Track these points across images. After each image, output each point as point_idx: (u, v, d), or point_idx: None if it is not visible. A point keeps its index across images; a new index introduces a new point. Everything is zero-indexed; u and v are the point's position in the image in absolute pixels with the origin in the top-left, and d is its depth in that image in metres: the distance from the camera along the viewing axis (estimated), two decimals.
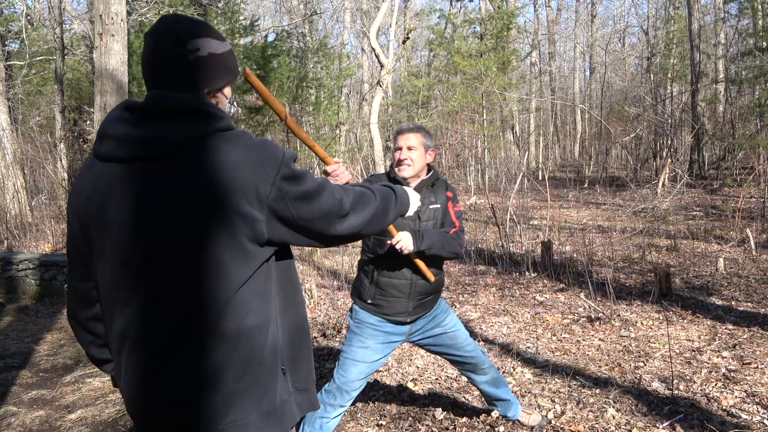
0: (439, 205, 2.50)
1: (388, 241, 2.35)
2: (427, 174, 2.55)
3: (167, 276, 1.18)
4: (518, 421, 2.99)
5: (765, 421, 2.98)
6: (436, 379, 3.78)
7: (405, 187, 1.65)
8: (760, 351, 3.93)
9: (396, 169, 2.49)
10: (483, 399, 2.99)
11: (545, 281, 6.16)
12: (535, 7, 29.58)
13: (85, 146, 13.29)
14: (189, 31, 1.24)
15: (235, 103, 1.42)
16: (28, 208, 11.92)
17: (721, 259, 6.17)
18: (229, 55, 1.30)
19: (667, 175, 12.40)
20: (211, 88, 1.28)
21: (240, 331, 1.20)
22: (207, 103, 1.24)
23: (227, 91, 1.33)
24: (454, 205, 2.54)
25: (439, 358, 4.13)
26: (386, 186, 1.54)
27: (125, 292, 1.22)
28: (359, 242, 2.62)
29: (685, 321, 4.68)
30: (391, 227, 2.19)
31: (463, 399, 3.43)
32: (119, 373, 1.29)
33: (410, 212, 1.64)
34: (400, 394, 3.57)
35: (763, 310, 4.82)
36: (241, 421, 1.21)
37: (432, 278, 2.46)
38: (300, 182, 1.25)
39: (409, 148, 2.46)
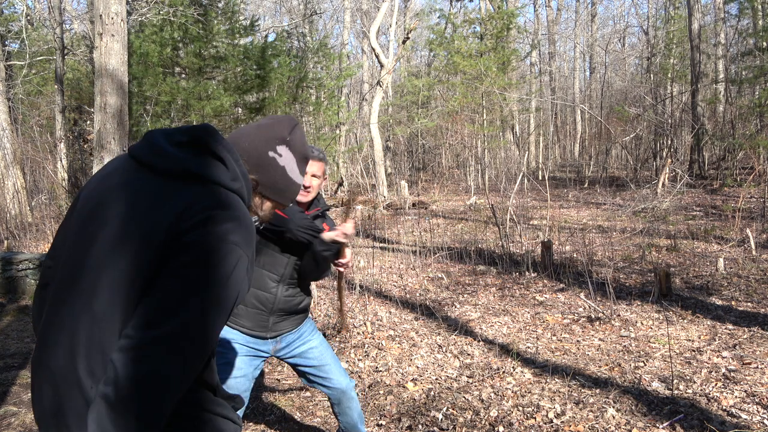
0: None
1: (341, 261, 2.50)
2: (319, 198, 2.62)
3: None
4: None
5: (765, 421, 2.98)
6: (436, 379, 3.78)
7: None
8: (760, 351, 3.93)
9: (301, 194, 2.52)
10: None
11: (545, 281, 6.16)
12: (535, 7, 29.59)
13: (85, 146, 13.30)
14: None
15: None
16: (28, 208, 11.91)
17: (721, 259, 6.17)
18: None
19: (667, 175, 12.40)
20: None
21: None
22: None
23: (266, 205, 1.37)
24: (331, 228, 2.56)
25: (439, 358, 4.14)
26: None
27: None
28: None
29: (685, 321, 4.68)
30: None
31: (463, 399, 3.43)
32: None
33: None
34: (400, 394, 3.57)
35: (763, 310, 4.82)
36: None
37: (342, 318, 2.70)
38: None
39: (314, 176, 2.47)
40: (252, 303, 2.39)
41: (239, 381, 2.36)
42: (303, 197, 2.46)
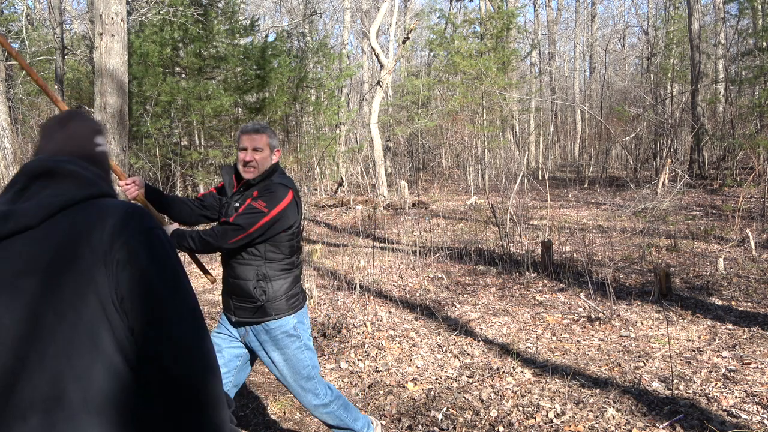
0: (238, 204, 2.40)
1: None
2: (269, 173, 2.42)
3: None
4: None
5: (765, 421, 2.98)
6: (436, 379, 3.78)
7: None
8: (760, 351, 3.93)
9: (242, 171, 2.40)
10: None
11: (545, 281, 6.16)
12: (535, 7, 29.58)
13: None
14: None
15: None
16: None
17: (721, 259, 6.17)
18: None
19: (667, 175, 12.40)
20: None
21: None
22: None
23: None
24: (253, 201, 2.33)
25: (439, 358, 4.14)
26: None
27: None
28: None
29: (685, 321, 4.68)
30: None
31: (463, 399, 3.43)
32: None
33: None
34: (400, 394, 3.57)
35: (763, 310, 4.82)
36: None
37: (210, 279, 2.55)
38: None
39: (255, 150, 2.36)
40: (223, 282, 2.48)
41: (222, 357, 2.46)
42: (247, 173, 2.38)
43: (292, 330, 2.42)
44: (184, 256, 4.54)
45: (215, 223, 2.47)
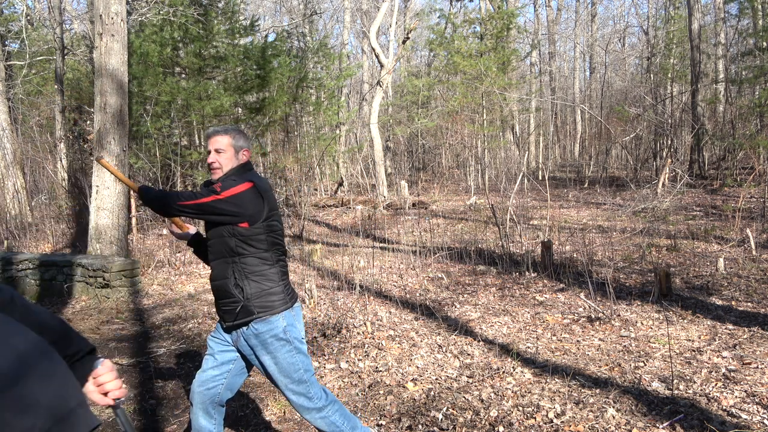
0: None
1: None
2: (237, 171, 2.47)
3: None
4: None
5: (765, 421, 2.97)
6: (436, 379, 3.78)
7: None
8: (760, 351, 3.93)
9: (210, 174, 2.51)
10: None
11: (545, 281, 6.16)
12: (535, 7, 29.59)
13: (85, 146, 13.30)
14: None
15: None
16: (28, 208, 11.92)
17: (721, 259, 6.17)
18: None
19: (667, 175, 12.40)
20: None
21: None
22: None
23: None
24: (213, 184, 2.40)
25: (439, 358, 4.14)
26: None
27: None
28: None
29: (685, 321, 4.68)
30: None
31: (463, 399, 3.43)
32: None
33: None
34: (400, 394, 3.57)
35: (763, 310, 4.82)
36: None
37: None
38: None
39: (217, 151, 2.44)
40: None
41: (206, 358, 2.52)
42: (213, 175, 2.48)
43: (282, 333, 2.40)
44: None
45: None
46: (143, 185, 2.47)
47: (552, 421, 3.08)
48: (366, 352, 4.30)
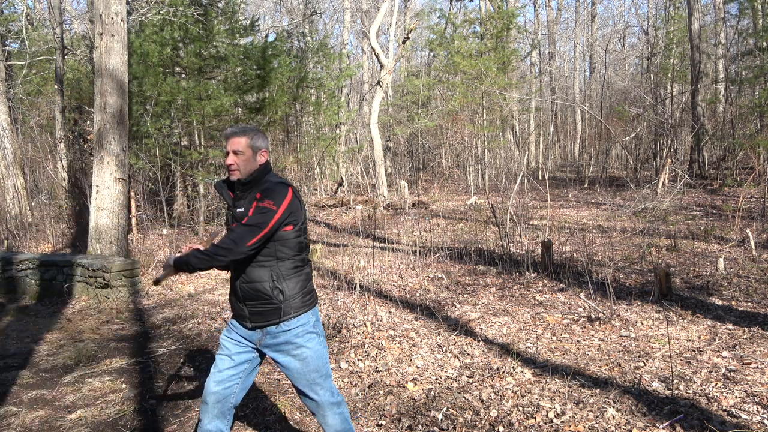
0: (243, 209, 2.39)
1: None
2: (261, 174, 2.45)
3: None
4: None
5: (765, 421, 2.97)
6: (436, 379, 3.78)
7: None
8: (760, 351, 3.93)
9: (229, 175, 2.47)
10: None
11: (545, 281, 6.16)
12: (535, 7, 29.59)
13: (85, 146, 13.30)
14: None
15: None
16: (28, 208, 11.92)
17: (721, 259, 6.17)
18: None
19: (667, 175, 12.40)
20: None
21: None
22: None
23: None
24: (260, 203, 2.33)
25: (439, 358, 4.14)
26: None
27: None
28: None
29: (685, 321, 4.68)
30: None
31: (463, 399, 3.43)
32: None
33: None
34: (400, 394, 3.57)
35: (763, 310, 4.82)
36: None
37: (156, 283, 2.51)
38: None
39: (236, 153, 2.41)
40: (231, 291, 2.47)
41: (221, 358, 2.47)
42: (232, 176, 2.44)
43: (311, 327, 2.44)
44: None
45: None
46: (176, 259, 2.37)
47: (552, 421, 3.08)
48: (366, 352, 4.30)
